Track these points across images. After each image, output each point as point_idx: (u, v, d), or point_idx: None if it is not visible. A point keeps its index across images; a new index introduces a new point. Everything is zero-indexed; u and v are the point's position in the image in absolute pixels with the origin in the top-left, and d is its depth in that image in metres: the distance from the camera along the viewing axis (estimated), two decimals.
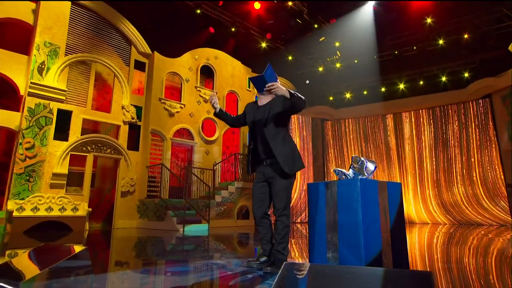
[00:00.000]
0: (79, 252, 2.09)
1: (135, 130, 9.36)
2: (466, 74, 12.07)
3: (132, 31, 9.52)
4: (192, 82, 10.78)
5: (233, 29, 11.48)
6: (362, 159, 2.60)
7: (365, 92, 13.95)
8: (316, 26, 11.70)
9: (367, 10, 11.10)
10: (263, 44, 12.33)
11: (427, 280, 1.06)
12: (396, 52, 12.25)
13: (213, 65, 11.42)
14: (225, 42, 11.97)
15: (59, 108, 7.91)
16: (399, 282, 1.13)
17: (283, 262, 1.59)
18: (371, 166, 2.57)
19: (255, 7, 11.16)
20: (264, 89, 2.51)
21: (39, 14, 7.89)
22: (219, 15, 11.10)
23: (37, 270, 1.91)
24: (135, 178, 9.00)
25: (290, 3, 10.85)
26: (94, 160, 8.55)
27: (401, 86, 13.31)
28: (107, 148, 8.62)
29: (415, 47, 11.96)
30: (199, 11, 10.55)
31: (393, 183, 2.60)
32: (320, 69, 13.65)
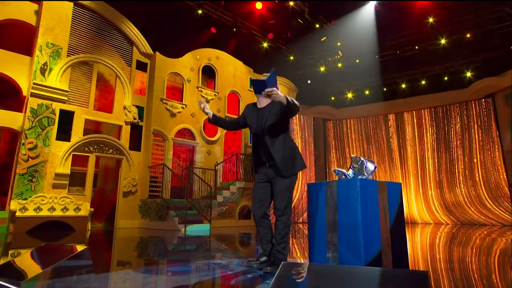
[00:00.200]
0: (80, 252, 2.10)
1: (137, 131, 9.39)
2: (469, 74, 12.02)
3: (133, 31, 9.55)
4: (194, 82, 10.80)
5: (234, 29, 11.48)
6: (362, 159, 2.60)
7: (366, 92, 13.92)
8: (317, 26, 11.71)
9: (368, 10, 11.08)
10: (265, 44, 12.34)
11: (423, 279, 1.07)
12: (397, 51, 12.22)
13: (214, 65, 11.43)
14: (226, 42, 11.99)
15: (61, 108, 7.95)
16: (395, 281, 1.14)
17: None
18: (370, 166, 2.57)
19: (257, 7, 11.17)
20: (263, 92, 2.50)
21: (42, 15, 7.93)
22: (221, 15, 11.11)
23: (38, 269, 1.93)
24: (137, 178, 9.03)
25: (292, 3, 10.85)
26: (96, 161, 8.59)
27: (403, 86, 13.28)
28: (109, 149, 8.66)
29: (417, 47, 11.92)
30: (200, 11, 10.57)
31: (393, 183, 2.61)
32: (322, 69, 13.64)
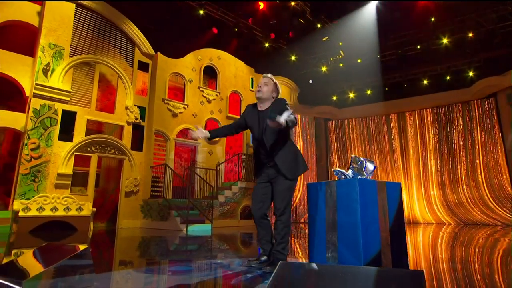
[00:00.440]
0: (82, 251, 2.12)
1: (138, 131, 9.43)
2: (471, 73, 11.96)
3: (135, 32, 9.59)
4: (195, 82, 10.83)
5: (236, 29, 11.50)
6: (361, 159, 2.61)
7: (368, 92, 13.89)
8: (319, 25, 11.70)
9: (370, 9, 11.07)
10: (266, 44, 12.34)
11: (418, 278, 1.08)
12: (399, 51, 12.19)
13: (216, 65, 11.46)
14: (228, 42, 12.00)
15: (63, 109, 8.00)
16: (391, 281, 1.15)
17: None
18: (370, 166, 2.58)
19: (258, 7, 11.17)
20: (269, 123, 2.53)
21: (44, 16, 7.98)
22: (222, 15, 11.13)
23: (40, 269, 1.95)
24: (139, 178, 9.06)
25: (293, 3, 10.85)
26: (98, 161, 8.63)
27: (404, 86, 13.23)
28: (111, 149, 8.69)
29: (418, 46, 11.88)
30: (202, 11, 10.58)
31: (392, 183, 2.61)
32: (324, 68, 13.63)
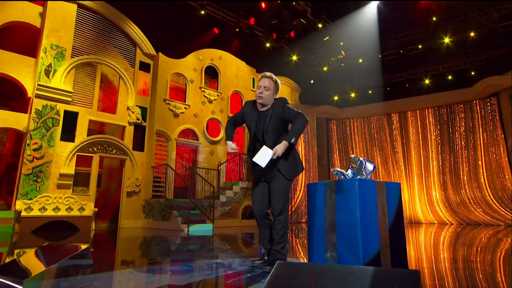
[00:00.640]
0: (83, 251, 2.14)
1: (140, 131, 9.46)
2: (473, 73, 11.93)
3: (137, 32, 9.62)
4: (197, 82, 10.85)
5: (237, 29, 11.51)
6: (361, 159, 2.61)
7: (370, 92, 13.87)
8: (320, 25, 11.69)
9: (371, 9, 11.05)
10: (267, 44, 12.34)
11: (414, 278, 1.09)
12: (401, 51, 12.16)
13: (217, 65, 11.47)
14: (229, 42, 12.01)
15: (65, 109, 8.04)
16: (387, 280, 1.16)
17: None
18: (369, 166, 2.58)
19: (259, 7, 11.17)
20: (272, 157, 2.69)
21: (46, 17, 8.02)
22: (223, 15, 11.15)
23: (41, 268, 1.97)
24: (141, 179, 9.09)
25: (294, 3, 10.85)
26: (100, 161, 8.66)
27: (406, 85, 13.20)
28: (113, 149, 8.73)
29: (420, 46, 11.85)
30: (203, 12, 10.60)
31: (392, 183, 2.61)
32: (325, 68, 13.62)
